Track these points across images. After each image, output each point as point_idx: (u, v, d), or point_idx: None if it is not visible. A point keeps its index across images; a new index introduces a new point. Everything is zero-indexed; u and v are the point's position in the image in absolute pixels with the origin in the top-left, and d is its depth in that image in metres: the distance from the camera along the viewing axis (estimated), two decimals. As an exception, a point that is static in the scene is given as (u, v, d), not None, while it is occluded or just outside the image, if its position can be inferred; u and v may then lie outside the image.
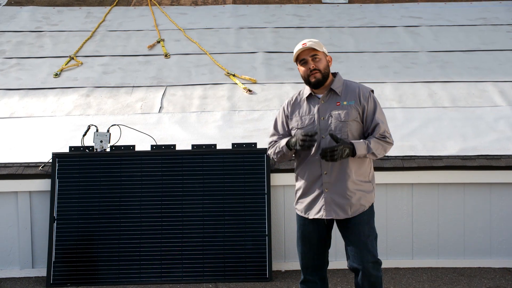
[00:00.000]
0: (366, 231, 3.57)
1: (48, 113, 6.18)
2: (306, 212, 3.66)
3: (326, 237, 3.68)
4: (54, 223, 5.12)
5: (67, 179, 5.21)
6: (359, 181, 3.59)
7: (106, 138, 5.33)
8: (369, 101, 3.63)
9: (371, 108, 3.62)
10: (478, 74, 6.82)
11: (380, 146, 3.56)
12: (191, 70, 7.07)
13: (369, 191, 3.63)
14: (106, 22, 8.34)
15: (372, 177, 3.68)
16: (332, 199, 3.57)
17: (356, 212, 3.57)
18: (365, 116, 3.62)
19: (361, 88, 3.69)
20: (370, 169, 3.68)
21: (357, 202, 3.57)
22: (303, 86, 6.63)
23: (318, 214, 3.60)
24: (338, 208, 3.57)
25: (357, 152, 3.47)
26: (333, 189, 3.57)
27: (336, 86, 3.67)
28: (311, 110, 3.67)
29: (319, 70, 3.62)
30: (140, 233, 5.14)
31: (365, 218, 3.59)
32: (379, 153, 3.57)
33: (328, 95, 3.67)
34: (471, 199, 5.38)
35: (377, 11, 8.59)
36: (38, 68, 7.07)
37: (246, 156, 5.30)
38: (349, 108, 3.60)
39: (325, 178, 3.58)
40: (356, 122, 3.60)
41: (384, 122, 3.62)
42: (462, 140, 5.63)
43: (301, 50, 3.63)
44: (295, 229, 5.25)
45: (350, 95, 3.65)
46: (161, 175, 5.25)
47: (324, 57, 3.66)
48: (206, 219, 5.18)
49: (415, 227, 5.39)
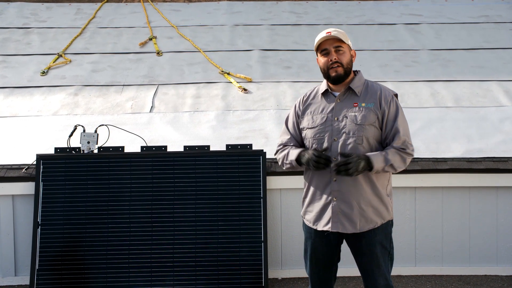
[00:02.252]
0: (378, 252, 3.26)
1: (34, 113, 5.91)
2: (314, 222, 3.34)
3: (334, 250, 3.38)
4: (38, 229, 4.86)
5: (52, 182, 4.95)
6: (374, 193, 3.26)
7: (93, 139, 5.07)
8: (391, 105, 3.29)
9: (392, 114, 3.28)
10: (482, 73, 6.59)
11: (399, 158, 3.22)
12: (184, 68, 6.82)
13: (385, 206, 3.29)
14: (96, 18, 8.09)
15: (390, 192, 3.35)
16: (340, 210, 3.25)
17: (365, 227, 3.24)
18: (384, 122, 3.27)
19: (384, 90, 3.34)
20: (388, 182, 3.34)
21: (368, 216, 3.24)
22: (301, 85, 6.48)
23: (327, 225, 3.28)
24: (346, 220, 3.24)
25: (374, 165, 3.14)
26: (342, 198, 3.25)
27: (355, 85, 3.34)
28: (324, 109, 3.35)
29: (341, 63, 3.29)
30: (129, 239, 4.88)
31: (378, 238, 3.26)
32: (398, 165, 3.23)
33: (345, 94, 3.35)
34: (477, 203, 5.14)
35: (376, 9, 8.38)
36: (25, 66, 6.80)
37: (241, 158, 5.04)
38: (367, 111, 3.26)
39: (334, 185, 3.26)
40: (374, 127, 3.26)
41: (405, 130, 3.28)
42: (467, 142, 5.39)
43: (325, 38, 3.29)
44: (292, 235, 5.13)
45: (370, 96, 3.31)
46: (152, 178, 4.99)
47: (348, 51, 3.34)
48: (198, 225, 4.92)
49: (418, 232, 5.15)
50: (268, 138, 5.47)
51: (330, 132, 3.30)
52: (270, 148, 5.07)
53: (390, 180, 3.38)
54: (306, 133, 3.39)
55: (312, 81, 6.32)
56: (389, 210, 3.33)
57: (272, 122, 5.71)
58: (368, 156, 3.16)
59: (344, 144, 3.25)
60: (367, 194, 3.25)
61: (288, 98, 6.13)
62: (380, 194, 3.28)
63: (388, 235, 3.32)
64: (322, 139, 3.32)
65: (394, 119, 3.28)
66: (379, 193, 3.28)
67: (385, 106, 3.29)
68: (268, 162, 5.09)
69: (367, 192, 3.25)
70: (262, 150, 5.04)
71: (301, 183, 3.57)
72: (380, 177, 3.29)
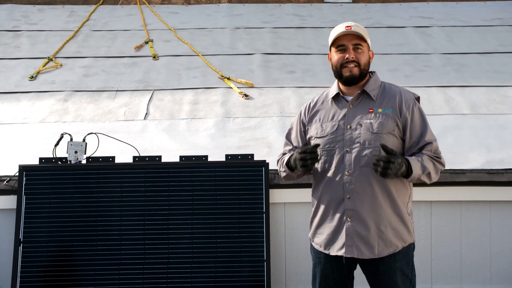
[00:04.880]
0: (399, 281, 2.84)
1: (19, 120, 5.52)
2: (326, 247, 2.92)
3: (347, 277, 2.97)
4: (20, 247, 4.46)
5: (35, 196, 4.55)
6: (394, 212, 2.84)
7: (81, 149, 4.67)
8: (414, 112, 2.89)
9: (416, 121, 2.88)
10: (499, 78, 6.21)
11: (433, 167, 2.81)
12: (182, 72, 6.44)
13: (406, 227, 2.87)
14: (90, 21, 7.72)
15: (411, 210, 2.93)
16: (356, 232, 2.83)
17: (384, 251, 2.82)
18: (408, 131, 2.86)
19: (404, 94, 2.94)
20: (409, 199, 2.91)
21: (387, 239, 2.82)
22: (306, 91, 6.09)
23: (340, 250, 2.86)
24: (363, 244, 2.82)
25: (413, 171, 2.72)
26: (358, 218, 2.83)
27: (370, 88, 2.94)
28: (335, 115, 2.94)
29: (358, 63, 2.89)
30: (120, 257, 4.49)
31: (399, 264, 2.84)
32: (434, 176, 2.83)
33: (359, 98, 2.94)
34: (498, 219, 4.74)
35: (384, 11, 8.02)
36: (12, 70, 6.42)
37: (242, 169, 4.65)
38: (384, 118, 2.86)
39: (347, 203, 2.84)
40: (393, 136, 2.85)
41: (435, 138, 2.89)
42: (487, 152, 4.99)
43: (343, 33, 2.89)
44: (297, 253, 4.71)
45: (388, 101, 2.90)
46: (144, 191, 4.59)
47: (367, 51, 2.96)
48: (195, 242, 4.52)
49: (435, 250, 4.74)
50: (271, 147, 5.09)
51: (342, 142, 2.90)
52: (273, 158, 4.68)
53: (411, 197, 2.98)
54: (314, 143, 2.99)
55: (317, 87, 5.96)
56: (411, 231, 2.92)
57: (275, 130, 5.32)
58: (409, 161, 2.74)
59: (358, 156, 2.85)
60: (386, 213, 2.84)
61: (292, 104, 5.74)
62: (401, 212, 2.87)
63: (410, 261, 2.91)
64: (332, 150, 2.91)
65: (420, 126, 2.89)
66: (400, 211, 2.87)
67: (407, 112, 2.88)
68: (271, 173, 4.71)
69: (386, 210, 2.84)
70: (265, 161, 4.66)
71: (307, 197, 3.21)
72: (401, 193, 2.88)
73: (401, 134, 2.88)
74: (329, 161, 2.91)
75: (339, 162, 2.88)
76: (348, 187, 2.85)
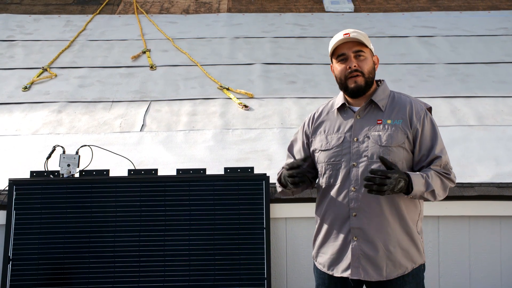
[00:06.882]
0: None
1: (11, 132, 5.34)
2: (330, 267, 2.74)
3: None
4: (9, 264, 4.27)
5: (26, 211, 4.37)
6: (403, 231, 2.66)
7: (74, 161, 4.49)
8: (425, 123, 2.70)
9: (427, 133, 2.69)
10: (505, 89, 6.05)
11: (440, 184, 2.63)
12: (179, 83, 6.28)
13: (416, 247, 2.69)
14: (86, 31, 7.56)
15: (420, 229, 2.75)
16: (362, 252, 2.65)
17: (392, 273, 2.64)
18: (418, 143, 2.68)
19: (415, 104, 2.75)
20: (419, 217, 2.74)
21: (396, 260, 2.64)
22: (307, 101, 5.93)
23: (346, 272, 2.68)
24: (370, 265, 2.64)
25: (414, 188, 2.53)
26: (365, 237, 2.64)
27: (379, 98, 2.76)
28: (341, 127, 2.76)
29: (362, 72, 2.70)
30: (114, 275, 4.30)
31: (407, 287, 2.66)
32: (439, 193, 2.64)
33: (366, 108, 2.76)
34: (508, 234, 4.55)
35: (386, 20, 7.87)
36: (5, 81, 6.25)
37: (241, 183, 4.47)
38: (394, 129, 2.67)
39: (354, 221, 2.66)
40: (403, 149, 2.67)
41: (445, 152, 2.70)
42: (496, 165, 4.82)
43: (342, 41, 2.71)
44: (299, 271, 4.51)
45: (397, 111, 2.72)
46: (140, 206, 4.41)
47: (370, 57, 2.75)
48: (192, 259, 4.33)
49: (442, 267, 4.56)
50: (271, 160, 4.91)
51: (348, 156, 2.72)
52: (273, 171, 4.49)
53: (421, 215, 2.79)
54: (319, 156, 2.80)
55: (319, 97, 5.81)
56: (421, 251, 2.74)
57: (276, 142, 5.15)
58: (410, 176, 2.55)
59: (365, 171, 2.66)
60: (395, 232, 2.66)
61: (293, 115, 5.57)
62: (411, 231, 2.69)
63: (419, 283, 2.73)
64: (338, 164, 2.73)
65: (430, 138, 2.70)
66: (410, 230, 2.69)
67: (417, 124, 2.70)
68: (272, 187, 4.53)
69: (395, 229, 2.66)
70: (265, 174, 4.48)
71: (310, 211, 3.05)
72: (410, 210, 2.70)
73: (412, 147, 2.70)
74: (334, 175, 2.74)
75: (345, 177, 2.71)
76: (354, 204, 2.67)
